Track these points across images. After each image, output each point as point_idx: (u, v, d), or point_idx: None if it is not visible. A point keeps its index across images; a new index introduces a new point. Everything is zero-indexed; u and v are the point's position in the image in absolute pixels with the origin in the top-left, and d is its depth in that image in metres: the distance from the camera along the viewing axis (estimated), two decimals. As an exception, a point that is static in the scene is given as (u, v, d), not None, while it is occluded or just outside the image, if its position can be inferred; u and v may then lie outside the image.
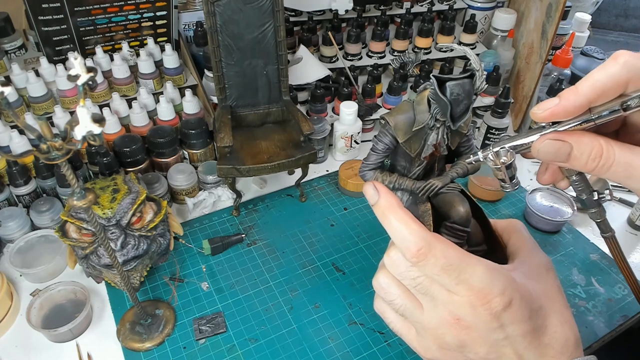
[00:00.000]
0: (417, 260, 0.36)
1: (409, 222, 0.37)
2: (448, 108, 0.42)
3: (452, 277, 0.35)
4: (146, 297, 0.72)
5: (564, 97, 0.35)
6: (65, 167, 0.44)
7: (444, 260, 0.35)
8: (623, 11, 2.26)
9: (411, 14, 1.04)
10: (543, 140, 0.37)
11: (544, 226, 0.83)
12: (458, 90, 0.42)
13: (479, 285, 0.35)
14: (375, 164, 0.50)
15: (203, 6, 0.74)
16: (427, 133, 0.46)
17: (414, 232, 0.36)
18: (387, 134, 0.48)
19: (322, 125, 0.93)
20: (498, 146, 0.42)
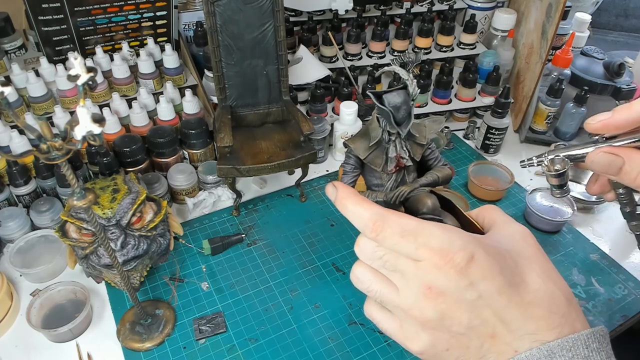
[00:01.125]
0: (376, 233, 0.36)
1: (362, 203, 0.38)
2: (390, 116, 0.48)
3: (411, 242, 0.35)
4: (146, 297, 0.72)
5: (617, 111, 0.39)
6: (65, 167, 0.44)
7: (400, 228, 0.36)
8: (623, 11, 2.26)
9: (411, 14, 1.04)
10: (598, 153, 0.41)
11: (544, 226, 0.83)
12: (394, 98, 0.48)
13: (438, 245, 0.35)
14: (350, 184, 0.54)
15: (203, 6, 0.74)
16: (386, 147, 0.51)
17: (368, 209, 0.37)
18: (351, 155, 0.54)
19: (322, 125, 0.93)
20: (554, 154, 0.45)
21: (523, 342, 0.33)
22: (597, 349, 0.33)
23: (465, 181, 0.93)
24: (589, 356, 0.32)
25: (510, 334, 0.34)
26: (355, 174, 0.55)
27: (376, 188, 0.53)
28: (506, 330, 0.34)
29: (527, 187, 0.94)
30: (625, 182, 0.40)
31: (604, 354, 0.33)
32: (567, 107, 0.97)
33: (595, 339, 0.33)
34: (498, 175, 0.92)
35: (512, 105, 1.09)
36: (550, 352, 0.32)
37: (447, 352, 0.35)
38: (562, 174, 0.45)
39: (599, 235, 0.84)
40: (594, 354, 0.32)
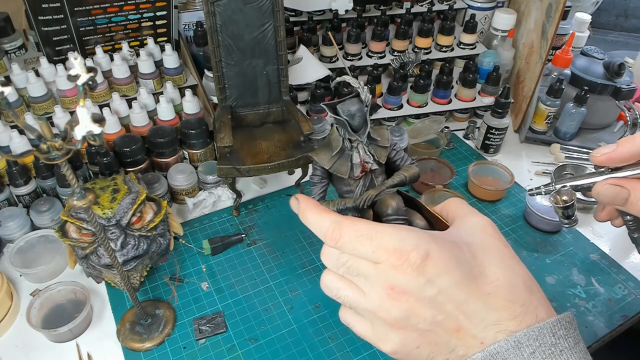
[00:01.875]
0: (335, 241, 0.38)
1: (322, 213, 0.41)
2: (346, 124, 0.50)
3: (367, 245, 0.37)
4: (146, 297, 0.72)
5: (621, 144, 0.41)
6: (65, 167, 0.44)
7: (355, 233, 0.37)
8: (623, 11, 2.26)
9: (411, 14, 1.04)
10: (604, 185, 0.43)
11: (544, 226, 0.83)
12: (348, 107, 0.51)
13: (393, 245, 0.36)
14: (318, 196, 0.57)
15: (203, 6, 0.74)
16: (350, 154, 0.53)
17: (326, 218, 0.40)
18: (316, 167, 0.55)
19: (322, 125, 0.93)
20: (561, 184, 0.46)
21: (488, 333, 0.34)
22: (564, 336, 0.33)
23: (465, 181, 0.93)
24: (557, 343, 0.32)
25: (474, 327, 0.34)
26: (324, 184, 0.57)
27: (347, 195, 0.55)
28: (470, 323, 0.34)
29: (527, 187, 0.94)
30: (632, 212, 0.42)
31: (571, 340, 0.33)
32: (567, 107, 0.97)
33: (561, 326, 0.33)
34: (498, 175, 0.92)
35: (512, 105, 1.09)
36: (517, 342, 0.32)
37: (418, 350, 0.36)
38: (569, 206, 0.46)
39: (599, 235, 0.84)
40: (561, 340, 0.33)
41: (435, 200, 0.85)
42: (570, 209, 0.47)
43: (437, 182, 0.88)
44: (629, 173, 0.42)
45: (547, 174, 0.96)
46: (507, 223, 0.86)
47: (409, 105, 1.02)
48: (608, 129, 1.05)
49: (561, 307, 0.72)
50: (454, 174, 0.90)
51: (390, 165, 0.57)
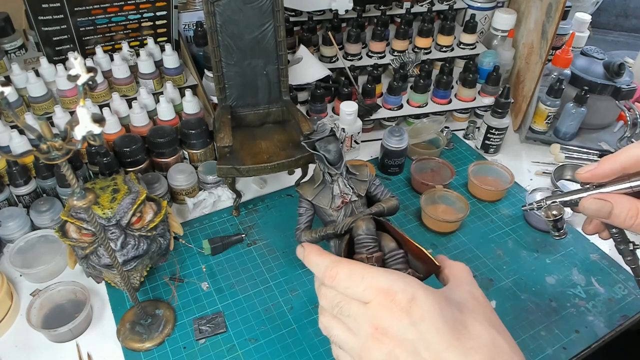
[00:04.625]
0: (331, 278, 0.41)
1: (322, 254, 0.44)
2: (323, 159, 0.59)
3: (359, 283, 0.39)
4: (146, 297, 0.72)
5: (602, 162, 0.45)
6: (65, 167, 0.44)
7: (349, 271, 0.40)
8: (623, 11, 2.26)
9: (411, 14, 1.04)
10: (589, 199, 0.46)
11: (544, 226, 0.83)
12: (324, 144, 0.60)
13: (382, 285, 0.38)
14: (304, 225, 0.64)
15: (203, 6, 0.74)
16: (330, 187, 0.61)
17: (324, 258, 0.43)
18: (302, 199, 0.64)
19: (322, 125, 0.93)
20: (551, 200, 0.51)
21: None
22: None
23: (465, 181, 0.93)
24: None
25: None
26: (309, 215, 0.64)
27: (330, 224, 0.61)
28: None
29: (527, 187, 0.94)
30: (617, 224, 0.46)
31: None
32: (567, 107, 0.97)
33: None
34: (498, 175, 0.92)
35: (512, 105, 1.09)
36: None
37: None
38: (558, 220, 0.51)
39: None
40: None
41: (435, 200, 0.86)
42: (559, 222, 0.51)
43: (437, 182, 0.88)
44: (612, 188, 0.46)
45: (547, 174, 0.96)
46: (507, 223, 0.86)
47: (409, 105, 1.02)
48: (608, 129, 1.05)
49: (561, 307, 0.72)
50: (454, 174, 0.90)
51: (371, 198, 0.64)
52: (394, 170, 0.95)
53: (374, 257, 0.51)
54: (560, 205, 0.50)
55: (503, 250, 0.81)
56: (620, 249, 0.52)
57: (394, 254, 0.52)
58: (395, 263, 0.52)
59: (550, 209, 0.51)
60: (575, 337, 0.68)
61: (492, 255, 0.80)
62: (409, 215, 0.87)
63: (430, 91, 1.01)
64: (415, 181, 0.91)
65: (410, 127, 1.01)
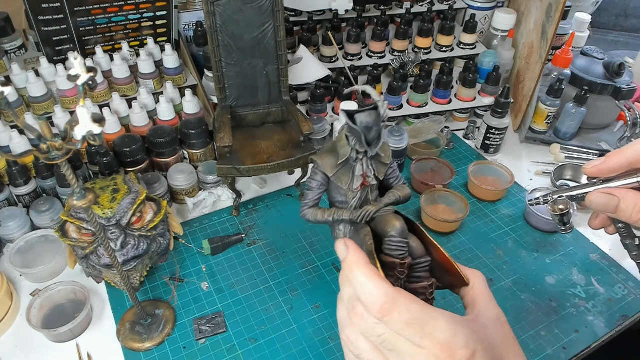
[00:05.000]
0: (382, 315, 0.36)
1: (374, 277, 0.38)
2: (362, 135, 0.48)
3: (417, 331, 0.36)
4: (146, 297, 0.72)
5: (609, 157, 0.45)
6: (65, 167, 0.44)
7: (408, 315, 0.36)
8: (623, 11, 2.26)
9: (411, 14, 1.04)
10: (595, 194, 0.46)
11: (544, 226, 0.83)
12: (366, 118, 0.49)
13: (443, 338, 0.35)
14: (313, 202, 0.55)
15: (203, 6, 0.74)
16: (353, 166, 0.51)
17: (379, 287, 0.37)
18: (318, 171, 0.53)
19: (322, 125, 0.93)
20: (557, 194, 0.51)
21: None
22: None
23: (465, 181, 0.93)
24: None
25: None
26: (321, 191, 0.55)
27: (340, 205, 0.54)
28: None
29: (527, 187, 0.94)
30: (622, 219, 0.46)
31: None
32: (567, 107, 0.97)
33: None
34: (498, 175, 0.92)
35: (512, 105, 1.09)
36: None
37: None
38: (565, 214, 0.51)
39: (599, 236, 0.84)
40: None
41: (435, 200, 0.86)
42: (566, 216, 0.52)
43: (437, 182, 0.88)
44: (619, 183, 0.46)
45: (547, 174, 0.96)
46: (507, 223, 0.86)
47: (409, 105, 1.02)
48: (608, 129, 1.05)
49: (561, 307, 0.72)
50: (454, 174, 0.90)
51: (383, 182, 0.56)
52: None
53: (406, 264, 0.47)
54: (567, 200, 0.50)
55: (503, 250, 0.81)
56: (626, 244, 0.52)
57: (422, 261, 0.49)
58: (421, 270, 0.49)
59: (557, 203, 0.51)
60: (575, 337, 0.68)
61: (492, 255, 0.80)
62: (409, 215, 0.86)
63: (430, 91, 1.01)
64: (415, 181, 0.91)
65: (410, 127, 1.01)
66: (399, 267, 0.47)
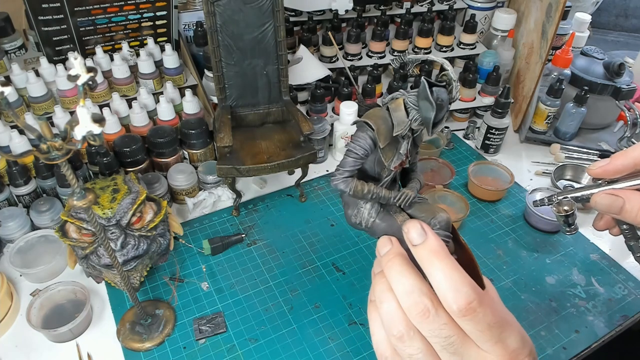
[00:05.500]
0: (465, 313, 0.34)
1: (460, 272, 0.35)
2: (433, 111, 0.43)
3: (495, 335, 0.34)
4: (146, 297, 0.72)
5: (614, 158, 0.45)
6: (65, 167, 0.44)
7: (492, 317, 0.34)
8: (623, 11, 2.26)
9: (411, 14, 1.04)
10: (600, 195, 0.46)
11: (544, 226, 0.83)
12: (443, 95, 0.44)
13: (514, 346, 0.34)
14: (351, 171, 0.47)
15: (203, 6, 0.74)
16: (400, 142, 0.47)
17: (467, 284, 0.34)
18: (369, 137, 0.46)
19: (322, 125, 0.93)
20: (562, 195, 0.51)
21: None
22: None
23: (465, 181, 0.93)
24: None
25: None
26: (363, 161, 0.47)
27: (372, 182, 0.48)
28: None
29: (527, 187, 0.94)
30: (627, 220, 0.45)
31: None
32: (567, 107, 0.97)
33: None
34: (498, 175, 0.92)
35: (512, 105, 1.09)
36: None
37: None
38: (570, 215, 0.51)
39: (599, 235, 0.84)
40: None
41: (435, 200, 0.85)
42: (571, 217, 0.52)
43: (437, 182, 0.88)
44: (624, 184, 0.46)
45: (547, 174, 0.96)
46: (507, 223, 0.86)
47: (409, 105, 1.02)
48: (608, 129, 1.05)
49: (561, 307, 0.72)
50: (454, 174, 0.90)
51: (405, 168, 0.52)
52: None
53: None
54: (572, 201, 0.51)
55: (503, 250, 0.81)
56: (630, 245, 0.52)
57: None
58: None
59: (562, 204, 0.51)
60: (575, 337, 0.68)
61: (492, 255, 0.80)
62: (409, 215, 0.87)
63: (430, 91, 1.01)
64: (415, 181, 0.91)
65: (410, 127, 1.01)
66: None
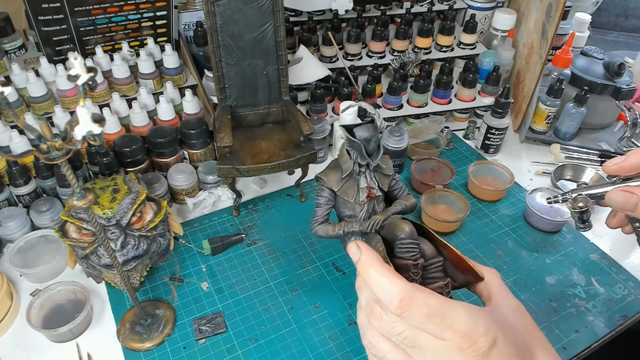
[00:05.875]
0: (401, 311, 0.37)
1: (389, 275, 0.38)
2: (362, 147, 0.51)
3: (437, 323, 0.36)
4: (146, 297, 0.72)
5: (630, 155, 0.46)
6: (65, 167, 0.44)
7: (426, 308, 0.36)
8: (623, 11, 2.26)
9: (411, 14, 1.04)
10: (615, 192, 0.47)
11: (544, 226, 0.83)
12: (364, 132, 0.52)
13: (463, 328, 0.35)
14: (322, 217, 0.58)
15: (203, 6, 0.74)
16: (357, 179, 0.54)
17: (395, 284, 0.37)
18: (324, 187, 0.56)
19: (322, 125, 0.93)
20: (577, 192, 0.52)
21: None
22: None
23: (465, 181, 0.93)
24: None
25: None
26: (329, 206, 0.57)
27: (348, 219, 0.56)
28: None
29: (527, 187, 0.94)
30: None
31: None
32: (567, 107, 0.97)
33: None
34: (498, 175, 0.92)
35: (512, 105, 1.09)
36: None
37: None
38: (585, 211, 0.52)
39: (599, 235, 0.84)
40: None
41: (435, 200, 0.85)
42: (585, 214, 0.53)
43: (437, 182, 0.88)
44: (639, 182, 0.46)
45: (547, 174, 0.96)
46: (507, 223, 0.86)
47: (409, 105, 1.02)
48: (608, 129, 1.05)
49: (561, 307, 0.72)
50: (454, 174, 0.90)
51: (388, 194, 0.59)
52: (394, 170, 0.95)
53: (419, 265, 0.48)
54: (587, 198, 0.51)
55: (503, 250, 0.81)
56: None
57: (435, 261, 0.50)
58: (435, 271, 0.50)
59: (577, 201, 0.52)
60: (575, 337, 0.68)
61: (492, 255, 0.80)
62: (409, 216, 0.87)
63: (430, 91, 1.01)
64: (415, 181, 0.91)
65: (410, 127, 1.01)
66: (412, 268, 0.48)
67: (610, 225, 0.53)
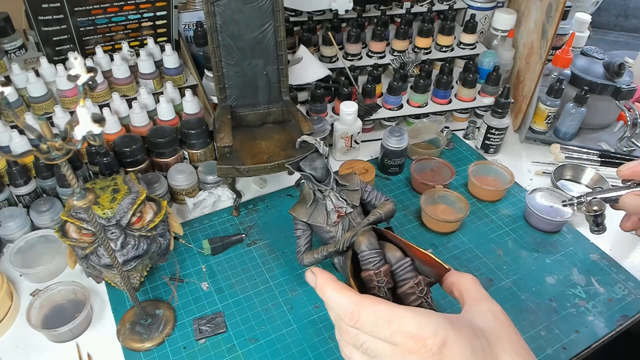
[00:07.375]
0: (354, 322, 0.38)
1: (340, 290, 0.41)
2: (311, 177, 0.58)
3: (385, 328, 0.37)
4: (146, 297, 0.72)
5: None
6: (65, 167, 0.44)
7: (373, 315, 0.38)
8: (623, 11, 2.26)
9: (411, 14, 1.04)
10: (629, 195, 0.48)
11: (544, 226, 0.83)
12: (309, 162, 0.58)
13: (411, 330, 0.36)
14: (304, 247, 0.63)
15: (203, 6, 0.74)
16: (323, 204, 0.60)
17: (345, 297, 0.40)
18: (297, 221, 0.63)
19: (322, 125, 0.93)
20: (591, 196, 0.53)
21: None
22: None
23: (465, 181, 0.93)
24: None
25: None
26: (307, 235, 0.63)
27: (330, 240, 0.60)
28: None
29: (527, 187, 0.94)
30: None
31: None
32: (567, 107, 0.97)
33: None
34: (498, 175, 0.92)
35: (512, 105, 1.09)
36: None
37: None
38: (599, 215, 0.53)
39: (599, 236, 0.84)
40: None
41: (435, 200, 0.86)
42: (600, 217, 0.54)
43: (437, 182, 0.88)
44: None
45: (547, 174, 0.96)
46: (507, 223, 0.86)
47: (409, 105, 1.02)
48: (608, 129, 1.05)
49: (561, 307, 0.72)
50: (454, 174, 0.90)
51: (366, 205, 0.62)
52: (394, 170, 0.95)
53: (381, 272, 0.50)
54: (601, 201, 0.52)
55: (503, 250, 0.81)
56: None
57: (401, 263, 0.51)
58: (404, 272, 0.51)
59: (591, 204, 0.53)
60: (575, 337, 0.68)
61: (492, 255, 0.80)
62: (409, 215, 0.87)
63: (430, 91, 1.01)
64: (415, 181, 0.91)
65: (410, 127, 1.01)
66: (375, 277, 0.49)
67: (625, 228, 0.54)
